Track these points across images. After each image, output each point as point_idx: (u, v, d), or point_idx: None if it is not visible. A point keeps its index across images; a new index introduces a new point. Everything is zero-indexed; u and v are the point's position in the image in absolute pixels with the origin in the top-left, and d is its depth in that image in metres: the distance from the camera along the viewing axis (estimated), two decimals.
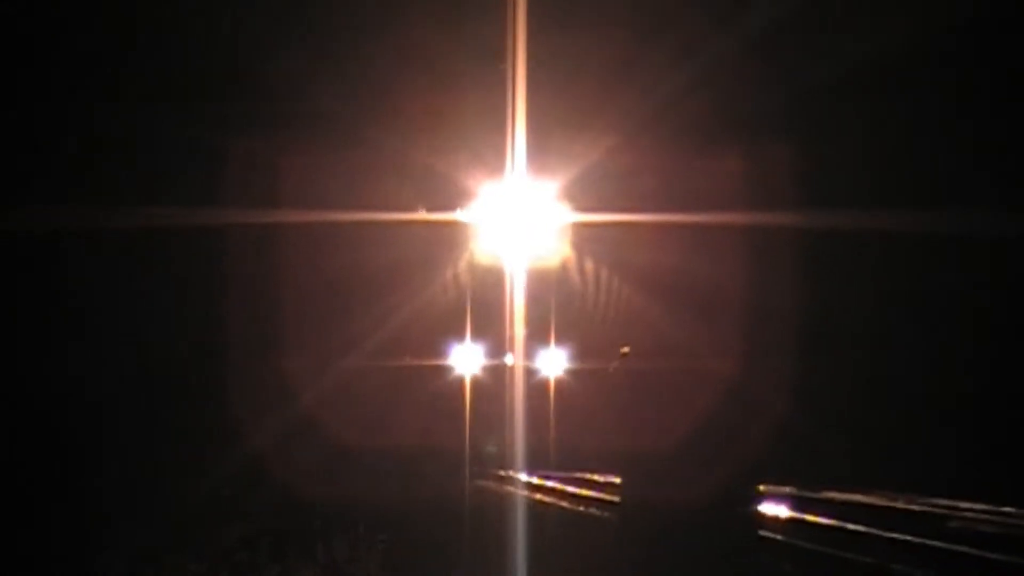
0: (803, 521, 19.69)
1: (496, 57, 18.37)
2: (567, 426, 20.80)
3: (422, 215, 19.83)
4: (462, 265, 20.34)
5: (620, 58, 19.28)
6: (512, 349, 19.01)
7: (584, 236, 20.29)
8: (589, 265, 20.66)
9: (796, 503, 19.80)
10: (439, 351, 20.93)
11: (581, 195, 19.93)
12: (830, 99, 19.47)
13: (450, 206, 20.17)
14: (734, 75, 19.60)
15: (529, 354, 20.17)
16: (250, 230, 20.08)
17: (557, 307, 20.73)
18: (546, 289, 20.32)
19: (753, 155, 20.30)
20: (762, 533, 20.00)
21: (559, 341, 20.95)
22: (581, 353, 21.19)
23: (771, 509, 20.05)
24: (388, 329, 20.11)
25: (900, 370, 20.25)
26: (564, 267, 20.45)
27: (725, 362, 20.58)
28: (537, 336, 20.50)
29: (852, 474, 19.87)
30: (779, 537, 19.74)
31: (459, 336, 20.90)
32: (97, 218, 18.70)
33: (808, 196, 19.90)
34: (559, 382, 21.12)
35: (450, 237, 20.29)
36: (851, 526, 18.69)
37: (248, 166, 19.86)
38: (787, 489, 19.81)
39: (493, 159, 19.33)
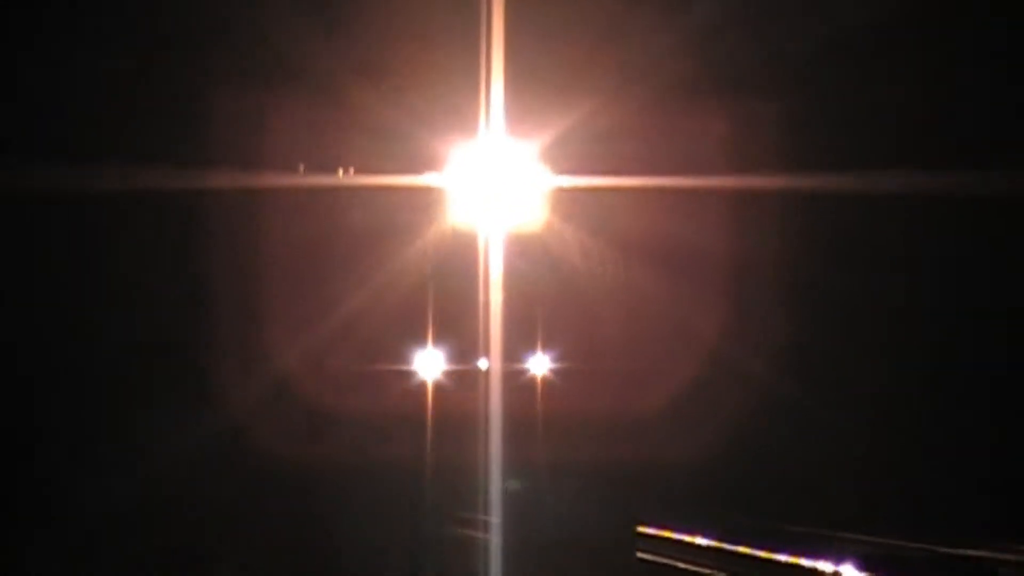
0: None
1: (472, 9, 17.00)
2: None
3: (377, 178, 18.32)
4: (430, 240, 18.86)
5: (604, 15, 18.71)
6: (487, 351, 16.69)
7: (567, 202, 19.04)
8: (574, 235, 19.50)
9: None
10: (397, 352, 19.31)
11: (562, 158, 18.81)
12: (816, 60, 19.78)
13: (418, 169, 18.79)
14: (720, 36, 19.42)
15: (510, 353, 18.43)
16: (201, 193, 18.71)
17: (543, 296, 19.56)
18: (528, 271, 18.98)
19: (740, 116, 19.90)
20: None
21: (546, 335, 19.72)
22: (572, 345, 20.03)
23: None
24: (335, 321, 18.60)
25: (890, 335, 20.50)
26: (547, 241, 19.16)
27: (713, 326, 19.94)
28: (518, 329, 19.15)
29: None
30: None
31: (421, 335, 19.26)
32: (44, 176, 17.70)
33: (794, 157, 19.74)
34: (547, 385, 19.75)
35: (419, 204, 18.87)
36: None
37: (208, 123, 18.54)
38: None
39: (467, 118, 17.96)
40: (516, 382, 19.46)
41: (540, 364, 20.16)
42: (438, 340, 19.59)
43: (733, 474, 20.49)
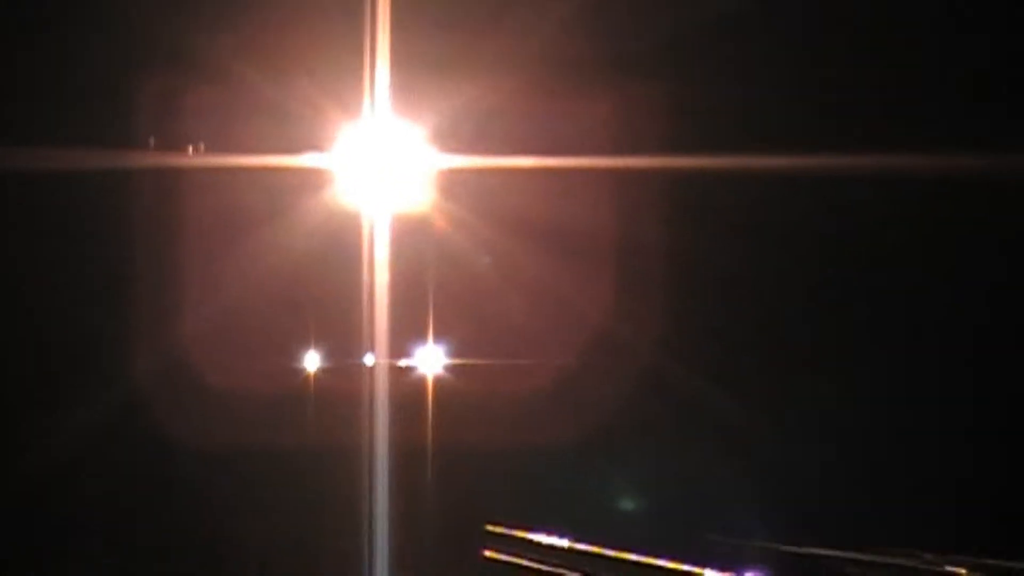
0: None
1: None
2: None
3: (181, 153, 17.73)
4: (312, 222, 18.40)
5: None
6: (372, 345, 16.00)
7: (453, 183, 18.74)
8: (461, 216, 19.19)
9: None
10: (276, 347, 18.71)
11: (449, 138, 18.52)
12: (705, 41, 19.33)
13: (301, 149, 18.38)
14: (608, 15, 19.13)
15: (398, 346, 17.86)
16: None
17: (431, 280, 19.18)
18: (417, 252, 18.63)
19: (628, 96, 19.85)
20: None
21: (436, 321, 19.31)
22: (461, 332, 19.65)
23: None
24: (213, 308, 18.04)
25: (773, 315, 20.29)
26: (434, 222, 18.82)
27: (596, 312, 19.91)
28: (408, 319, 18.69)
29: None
30: None
31: (301, 328, 18.65)
32: None
33: (682, 138, 19.70)
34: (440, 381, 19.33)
35: (302, 185, 18.44)
36: None
37: (85, 104, 18.00)
38: None
39: (352, 98, 17.64)
40: (404, 374, 19.04)
41: (429, 354, 19.81)
42: (320, 332, 19.09)
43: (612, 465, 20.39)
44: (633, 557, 17.19)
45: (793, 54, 20.00)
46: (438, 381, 20.04)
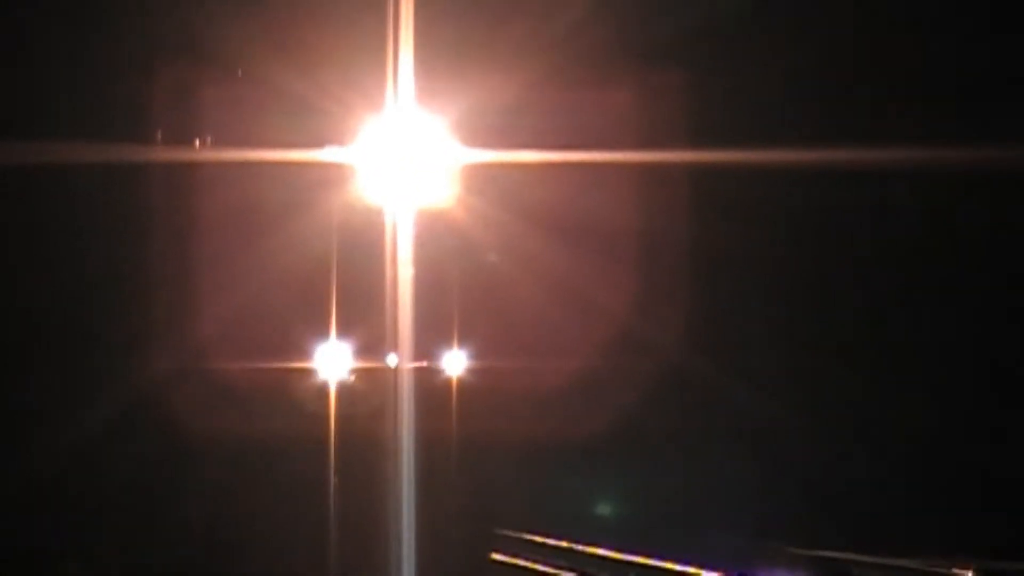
0: None
1: None
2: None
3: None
4: (332, 221, 18.13)
5: None
6: (396, 345, 15.49)
7: (477, 177, 18.48)
8: (486, 211, 18.96)
9: None
10: (296, 347, 18.41)
11: (474, 132, 18.25)
12: (729, 31, 19.64)
13: (321, 143, 18.11)
14: (633, 3, 19.31)
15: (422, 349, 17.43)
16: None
17: (456, 278, 18.96)
18: (440, 248, 18.35)
19: (653, 89, 19.62)
20: None
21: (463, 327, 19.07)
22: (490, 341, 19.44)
23: None
24: (225, 313, 17.79)
25: (799, 309, 19.99)
26: (458, 217, 18.56)
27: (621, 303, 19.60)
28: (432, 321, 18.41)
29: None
30: None
31: (323, 327, 18.33)
32: None
33: (706, 130, 19.43)
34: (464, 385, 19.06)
35: (325, 180, 18.18)
36: None
37: (110, 99, 17.76)
38: None
39: (375, 91, 17.35)
40: (428, 376, 18.74)
41: (453, 355, 19.52)
42: (341, 331, 18.75)
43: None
44: (637, 559, 17.10)
45: (824, 43, 19.77)
46: (462, 383, 19.82)
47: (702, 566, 16.39)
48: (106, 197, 18.38)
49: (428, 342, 18.81)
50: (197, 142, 18.24)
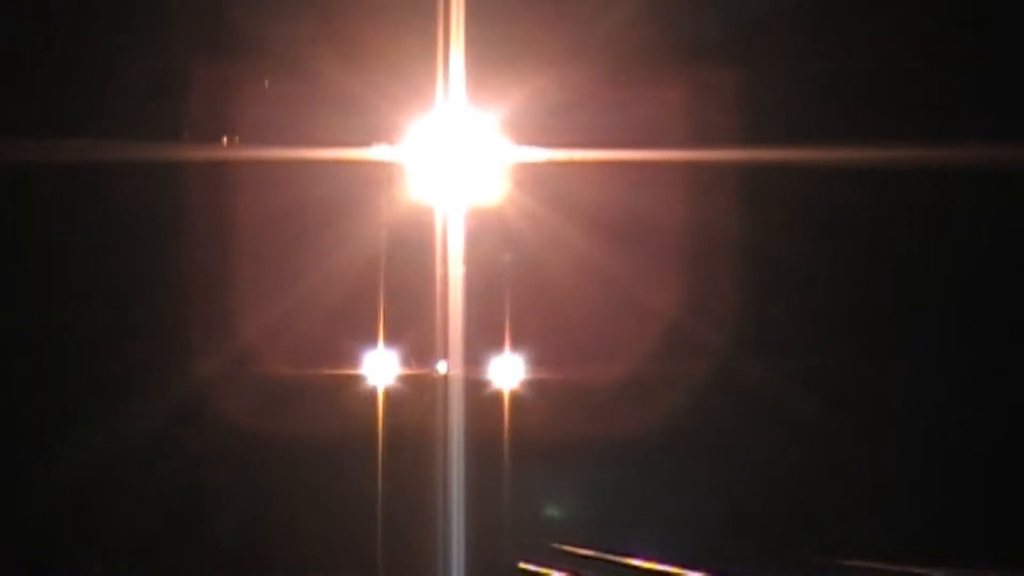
0: None
1: None
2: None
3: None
4: (382, 219, 18.00)
5: None
6: (446, 351, 15.20)
7: (530, 176, 18.34)
8: (537, 210, 18.83)
9: None
10: (345, 350, 18.26)
11: (524, 131, 18.13)
12: (779, 28, 18.82)
13: (369, 141, 17.99)
14: (682, 3, 18.56)
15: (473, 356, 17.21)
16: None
17: (508, 279, 18.86)
18: (492, 248, 18.26)
19: (704, 86, 19.46)
20: None
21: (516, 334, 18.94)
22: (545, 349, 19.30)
23: None
24: (274, 314, 17.68)
25: (851, 308, 19.99)
26: (509, 216, 18.42)
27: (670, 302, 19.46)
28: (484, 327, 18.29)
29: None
30: None
31: (372, 329, 18.17)
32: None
33: (757, 129, 19.35)
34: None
35: (375, 178, 18.08)
36: None
37: (161, 96, 17.73)
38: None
39: (425, 89, 17.26)
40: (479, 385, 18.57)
41: (506, 361, 19.36)
42: (391, 336, 18.60)
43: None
44: (660, 567, 17.00)
45: (876, 40, 19.60)
46: (513, 389, 19.68)
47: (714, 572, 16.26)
48: (157, 197, 18.36)
49: (479, 342, 18.67)
50: (248, 142, 18.20)
